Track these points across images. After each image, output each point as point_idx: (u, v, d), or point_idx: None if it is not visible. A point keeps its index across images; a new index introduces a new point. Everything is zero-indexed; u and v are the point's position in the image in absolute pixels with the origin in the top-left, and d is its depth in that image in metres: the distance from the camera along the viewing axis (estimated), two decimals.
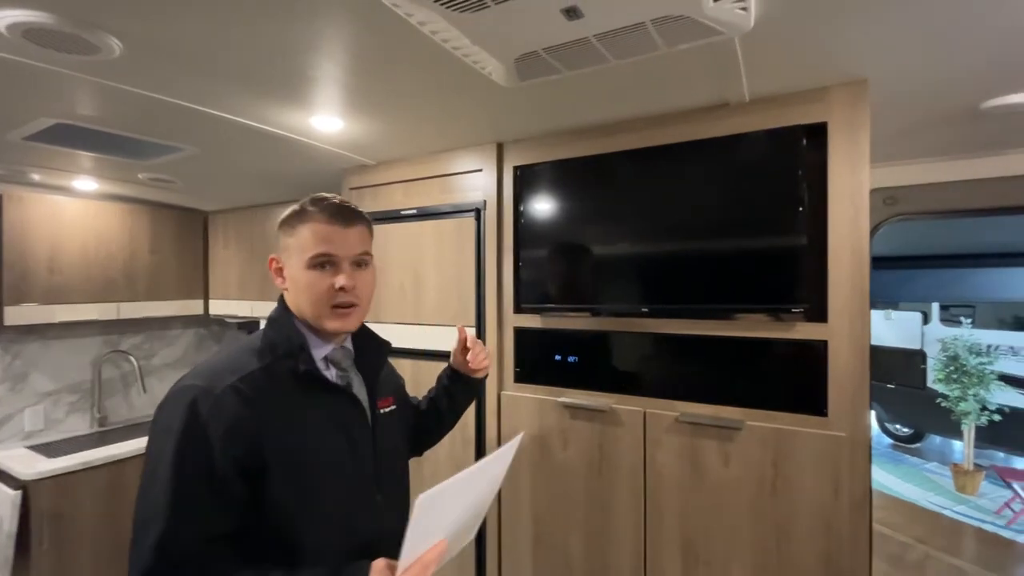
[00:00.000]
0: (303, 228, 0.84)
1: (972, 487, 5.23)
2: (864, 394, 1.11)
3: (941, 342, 5.77)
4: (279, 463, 0.75)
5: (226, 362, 0.79)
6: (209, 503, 0.72)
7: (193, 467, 0.72)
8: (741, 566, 1.23)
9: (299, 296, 0.83)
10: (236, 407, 0.74)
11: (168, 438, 0.72)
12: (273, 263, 0.88)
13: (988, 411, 5.23)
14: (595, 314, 1.44)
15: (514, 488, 1.57)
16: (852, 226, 1.13)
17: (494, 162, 1.59)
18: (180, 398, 0.74)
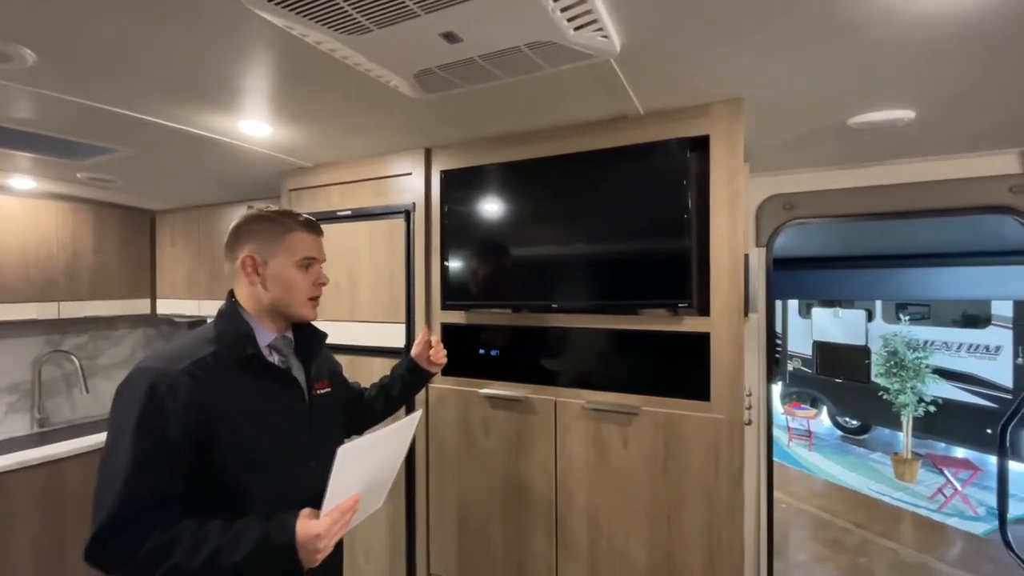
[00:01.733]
0: (290, 236, 1.01)
1: (910, 475, 5.55)
2: (739, 380, 1.23)
3: (883, 338, 6.10)
4: (225, 433, 0.88)
5: (180, 349, 0.91)
6: (165, 466, 0.84)
7: (151, 436, 0.83)
8: (638, 537, 1.34)
9: (278, 290, 0.99)
10: (189, 386, 0.86)
11: (131, 411, 0.83)
12: (249, 261, 0.98)
13: (924, 402, 5.57)
14: (515, 310, 1.54)
15: (440, 475, 1.65)
16: (730, 230, 1.25)
17: (423, 166, 1.68)
18: (140, 378, 0.86)
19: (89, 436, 2.44)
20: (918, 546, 4.34)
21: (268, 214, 1.02)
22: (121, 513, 0.81)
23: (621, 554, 1.36)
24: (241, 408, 0.92)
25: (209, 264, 2.67)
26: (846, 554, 4.20)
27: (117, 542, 0.81)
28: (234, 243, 1.00)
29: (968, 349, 5.68)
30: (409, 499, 1.70)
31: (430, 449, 1.68)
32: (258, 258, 0.98)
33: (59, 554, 2.24)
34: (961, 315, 6.54)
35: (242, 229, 1.00)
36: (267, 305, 0.99)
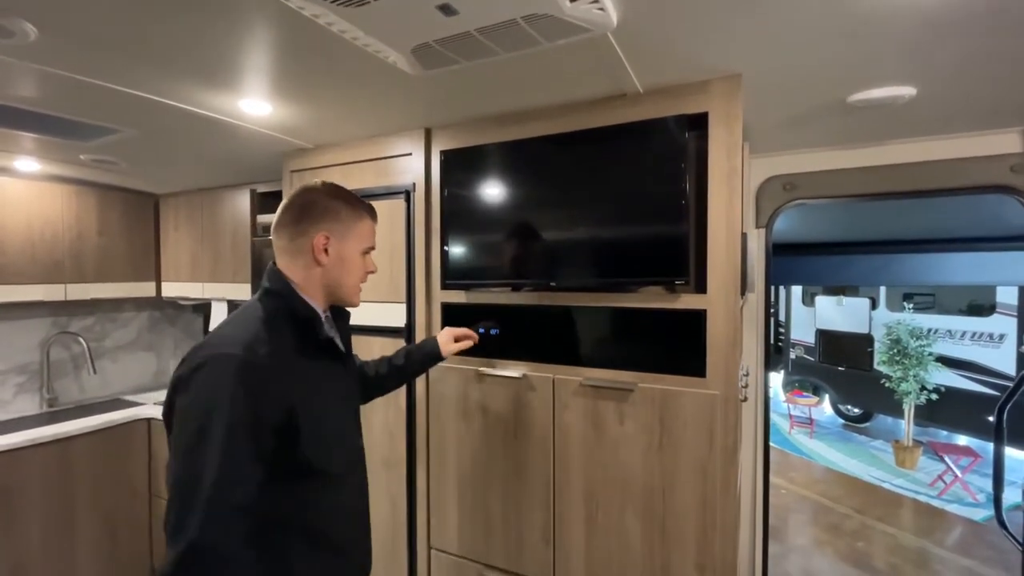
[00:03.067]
0: (363, 223, 1.04)
1: (911, 462, 5.58)
2: (734, 357, 1.25)
3: (886, 326, 6.09)
4: (306, 419, 0.88)
5: (249, 332, 0.88)
6: (253, 458, 0.81)
7: (242, 429, 0.80)
8: (633, 511, 1.36)
9: (339, 274, 0.99)
10: (273, 373, 0.85)
11: (216, 401, 0.79)
12: (324, 241, 0.97)
13: (927, 390, 5.58)
14: (514, 289, 1.55)
15: (440, 452, 1.68)
16: (727, 207, 1.25)
17: (422, 146, 1.68)
18: (222, 365, 0.81)
19: (99, 415, 2.48)
20: (916, 531, 4.37)
21: (344, 195, 1.02)
22: (214, 517, 0.77)
23: (616, 527, 1.39)
24: (316, 391, 0.93)
25: (212, 247, 2.69)
26: (844, 538, 4.24)
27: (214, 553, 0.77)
28: (304, 218, 0.96)
29: (972, 337, 5.67)
30: (410, 475, 1.74)
31: (431, 426, 1.70)
32: (332, 239, 0.97)
33: (69, 530, 2.30)
34: (967, 304, 6.52)
35: (317, 205, 0.98)
36: (321, 285, 0.99)
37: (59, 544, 2.26)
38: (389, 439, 1.75)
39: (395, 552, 1.74)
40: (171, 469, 0.81)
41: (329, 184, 1.03)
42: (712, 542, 1.26)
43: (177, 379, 0.84)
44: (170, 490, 0.79)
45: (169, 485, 0.80)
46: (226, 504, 0.78)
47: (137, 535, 2.57)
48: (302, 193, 1.00)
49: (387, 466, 1.76)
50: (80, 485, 2.33)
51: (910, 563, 3.90)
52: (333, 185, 1.03)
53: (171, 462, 0.82)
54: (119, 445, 2.48)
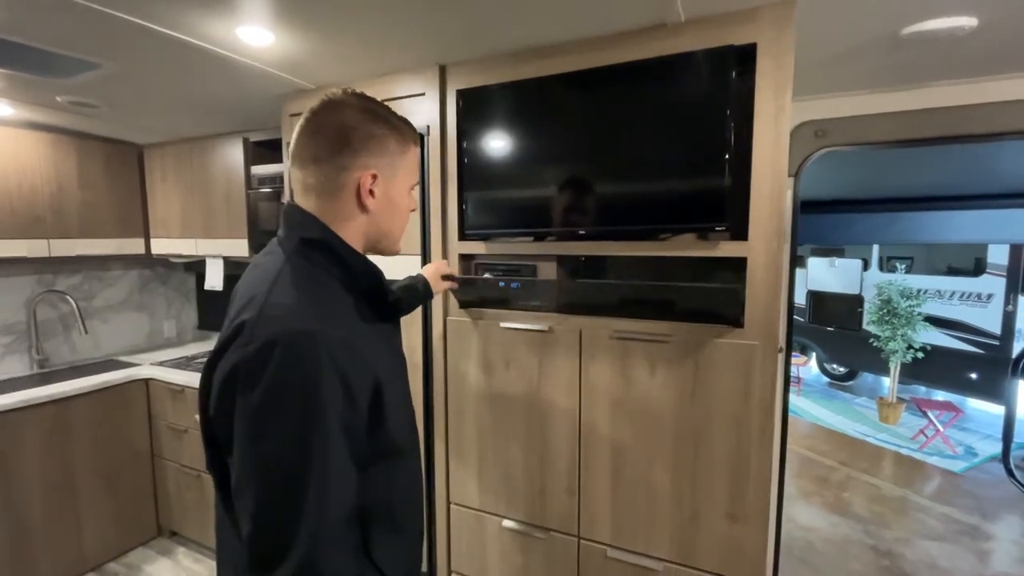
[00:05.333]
0: (411, 153, 0.84)
1: (894, 417, 5.76)
2: (775, 306, 1.20)
3: (877, 287, 6.16)
4: (389, 395, 0.75)
5: (312, 298, 0.71)
6: (352, 456, 0.69)
7: (342, 423, 0.66)
8: (662, 463, 1.35)
9: (387, 219, 0.82)
10: (356, 350, 0.70)
11: (309, 395, 0.64)
12: (371, 180, 0.77)
13: (913, 349, 5.70)
14: (538, 239, 1.48)
15: (459, 406, 1.64)
16: (774, 149, 1.18)
17: (436, 86, 1.56)
18: (304, 345, 0.64)
19: (95, 376, 2.40)
20: (899, 482, 4.55)
21: (387, 115, 0.81)
22: (324, 531, 0.65)
23: (645, 480, 1.37)
24: (386, 359, 0.80)
25: (204, 201, 2.55)
26: (831, 489, 4.40)
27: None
28: (344, 149, 0.76)
29: (960, 297, 5.77)
30: (428, 430, 1.70)
31: (448, 380, 1.65)
32: (381, 176, 0.79)
33: (71, 492, 2.25)
34: (947, 267, 6.62)
35: (357, 132, 0.76)
36: (363, 234, 0.81)
37: (61, 507, 2.22)
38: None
39: None
40: (252, 485, 0.64)
41: (363, 98, 0.80)
42: (744, 492, 1.25)
43: (235, 368, 0.66)
44: (256, 508, 0.63)
45: (254, 502, 0.64)
46: (335, 518, 0.66)
47: (141, 496, 2.53)
48: (333, 111, 0.77)
49: None
50: (79, 447, 2.26)
51: (892, 511, 4.07)
52: (369, 100, 0.80)
53: (247, 475, 0.65)
54: (118, 406, 2.41)
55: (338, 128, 0.76)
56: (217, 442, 0.73)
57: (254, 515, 0.64)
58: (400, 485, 0.82)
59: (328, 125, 0.77)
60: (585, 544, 1.47)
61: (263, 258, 0.79)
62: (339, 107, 0.78)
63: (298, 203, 0.80)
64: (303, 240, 0.76)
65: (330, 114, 0.77)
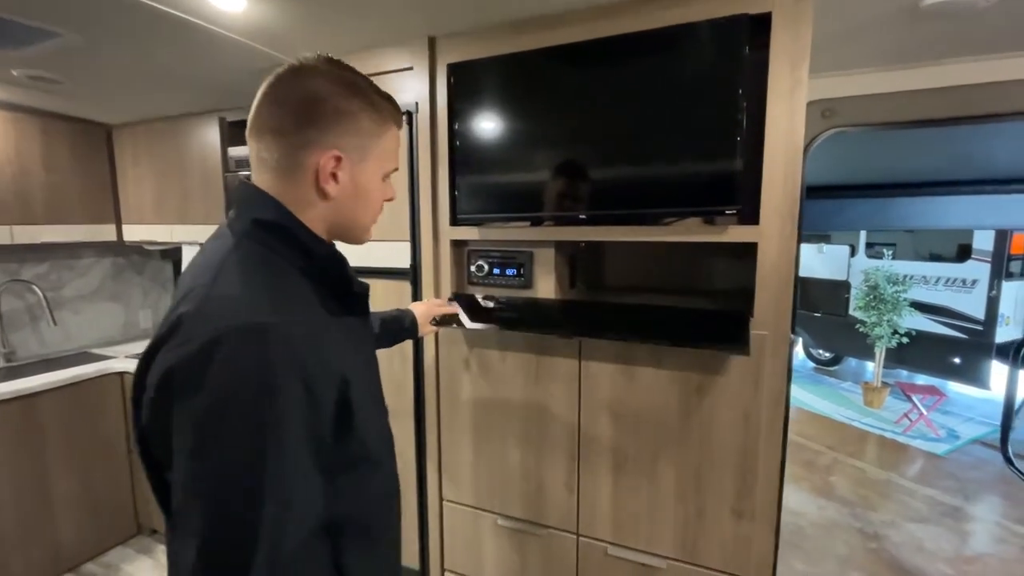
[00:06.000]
0: (389, 134, 0.74)
1: (878, 402, 5.84)
2: (787, 294, 1.14)
3: (864, 273, 6.20)
4: (358, 396, 0.66)
5: (264, 287, 0.62)
6: (316, 465, 0.60)
7: (304, 429, 0.57)
8: (666, 457, 1.29)
9: (352, 207, 0.72)
10: (319, 345, 0.62)
11: (262, 399, 0.54)
12: (334, 163, 0.67)
13: (898, 334, 5.76)
14: (535, 223, 1.39)
15: (452, 399, 1.57)
16: (789, 126, 1.11)
17: (426, 59, 1.46)
18: (256, 342, 0.55)
19: (66, 370, 2.28)
20: (884, 465, 4.62)
21: (364, 87, 0.70)
22: (289, 561, 0.57)
23: (648, 476, 1.32)
24: (356, 360, 0.71)
25: (178, 184, 2.42)
26: (818, 473, 4.45)
27: None
28: (307, 123, 0.66)
29: (946, 283, 5.83)
30: (418, 424, 1.63)
31: (440, 372, 1.58)
32: (346, 160, 0.68)
33: (44, 490, 2.15)
34: (928, 253, 6.70)
35: (326, 104, 0.66)
36: (324, 220, 0.71)
37: (34, 506, 2.11)
38: (396, 387, 1.63)
39: (405, 504, 1.65)
40: (197, 509, 0.55)
41: (339, 65, 0.69)
42: (751, 489, 1.21)
43: (169, 372, 0.56)
44: (203, 535, 0.54)
45: (200, 528, 0.54)
46: (297, 542, 0.58)
47: (119, 493, 2.43)
48: (301, 78, 0.67)
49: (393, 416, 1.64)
50: (51, 444, 2.15)
51: (878, 494, 4.13)
52: (346, 68, 0.70)
53: (190, 496, 0.56)
54: (91, 401, 2.29)
55: (303, 98, 0.66)
56: (155, 458, 0.63)
57: (201, 544, 0.54)
58: (373, 494, 0.74)
59: (293, 94, 0.66)
60: (584, 542, 1.42)
61: (210, 243, 0.69)
62: (308, 74, 0.67)
63: (253, 180, 0.70)
64: (256, 221, 0.66)
65: (297, 81, 0.67)
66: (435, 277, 1.53)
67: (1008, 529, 3.57)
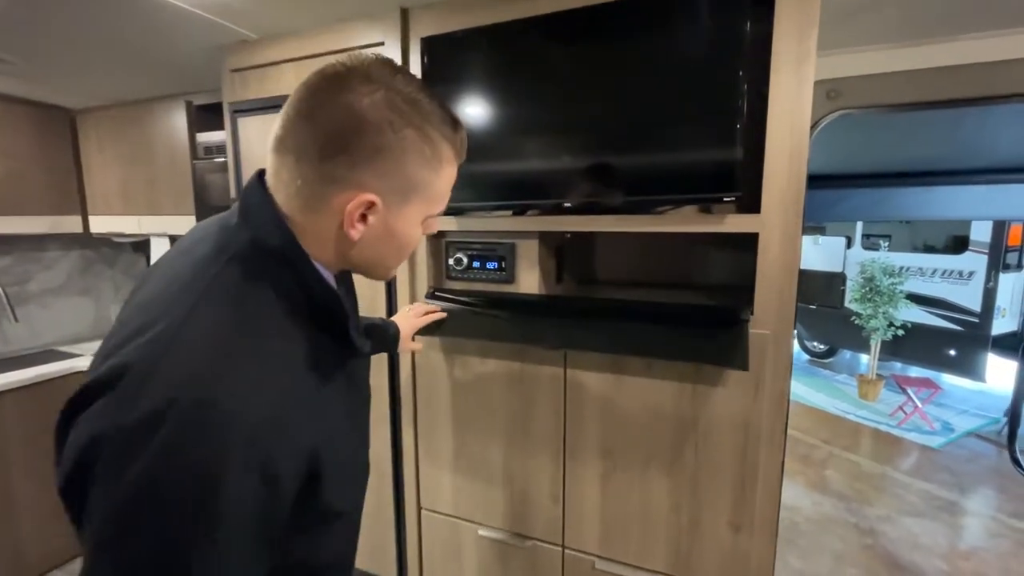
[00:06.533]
0: (444, 175, 0.60)
1: (873, 394, 5.80)
2: (791, 289, 1.04)
3: (860, 265, 6.14)
4: (330, 463, 0.56)
5: (251, 338, 0.51)
6: (257, 549, 0.50)
7: (241, 522, 0.47)
8: (659, 466, 1.20)
9: (380, 250, 0.60)
10: (286, 425, 0.50)
11: (196, 488, 0.44)
12: (367, 206, 0.55)
13: (894, 327, 5.71)
14: (517, 213, 1.29)
15: (429, 401, 1.47)
16: (795, 104, 1.00)
17: (398, 33, 1.33)
18: (209, 425, 0.45)
19: (29, 368, 2.15)
20: (879, 459, 4.58)
21: (429, 113, 0.56)
22: None
23: (639, 482, 1.22)
24: (337, 414, 0.61)
25: (145, 172, 2.28)
26: (814, 467, 4.40)
27: None
28: (339, 152, 0.53)
29: (943, 275, 5.77)
30: (394, 427, 1.52)
31: (417, 373, 1.47)
32: (382, 204, 0.56)
33: (5, 495, 2.03)
34: (923, 244, 6.64)
35: (369, 132, 0.53)
36: (342, 256, 0.60)
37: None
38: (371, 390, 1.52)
39: (380, 513, 1.56)
40: None
41: (395, 74, 0.55)
42: (750, 499, 1.11)
43: (97, 440, 0.46)
44: None
45: None
46: None
47: None
48: (341, 90, 0.53)
49: None
50: (13, 446, 2.03)
51: (873, 488, 4.09)
52: (403, 79, 0.56)
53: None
54: (57, 401, 2.17)
55: (339, 120, 0.52)
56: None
57: None
58: (331, 548, 0.63)
59: (328, 111, 0.53)
60: (571, 554, 1.33)
61: (194, 245, 0.58)
62: (352, 84, 0.53)
63: (269, 184, 0.58)
64: (256, 243, 0.54)
65: (335, 93, 0.53)
66: (411, 271, 1.42)
67: (1003, 523, 3.54)
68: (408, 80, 0.56)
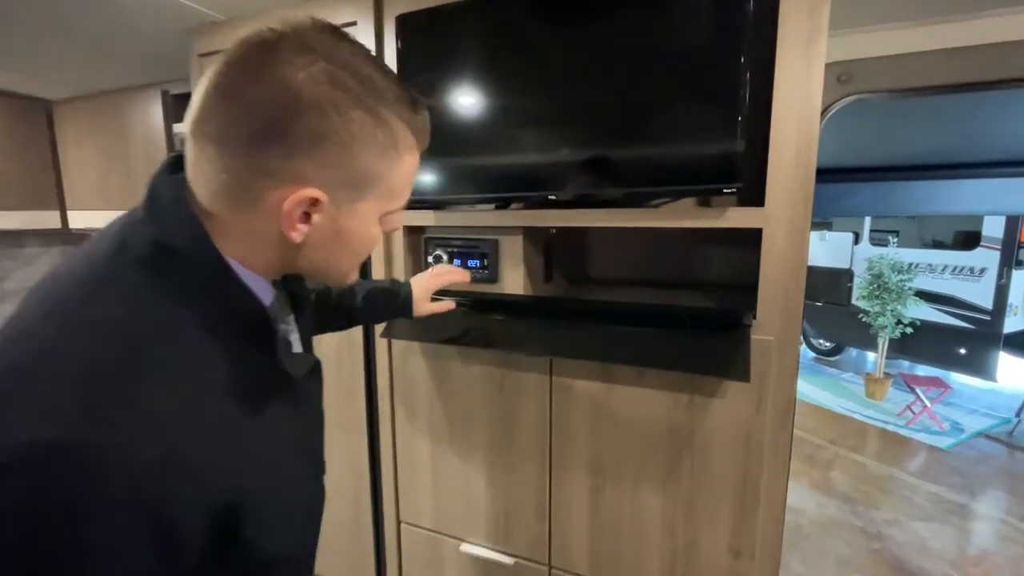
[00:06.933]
0: (404, 163, 0.50)
1: (880, 393, 5.68)
2: (798, 291, 0.94)
3: (868, 261, 6.00)
4: (256, 505, 0.46)
5: (141, 365, 0.40)
6: None
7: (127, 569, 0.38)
8: (652, 483, 1.10)
9: (329, 253, 0.50)
10: (188, 462, 0.40)
11: (53, 551, 0.35)
12: (307, 205, 0.45)
13: (902, 324, 5.58)
14: (500, 206, 1.19)
15: (408, 409, 1.37)
16: (805, 85, 0.89)
17: (371, 11, 1.23)
18: (65, 473, 0.35)
19: None
20: (886, 460, 4.48)
21: (382, 89, 0.47)
22: None
23: (630, 500, 1.13)
24: (269, 445, 0.50)
25: (123, 166, 2.19)
26: (819, 468, 4.31)
27: None
28: (272, 139, 0.43)
29: (953, 271, 5.63)
30: (372, 436, 1.43)
31: (394, 377, 1.38)
32: (329, 200, 0.46)
33: None
34: (932, 240, 6.49)
35: (310, 114, 0.42)
36: (282, 260, 0.50)
37: None
38: (347, 395, 1.43)
39: (359, 526, 1.47)
40: None
41: (340, 42, 0.46)
42: (751, 522, 1.01)
43: None
44: None
45: None
46: None
47: None
48: (272, 62, 0.42)
49: (344, 428, 1.45)
50: None
51: (880, 490, 3.99)
52: (350, 48, 0.46)
53: None
54: None
55: (272, 100, 0.42)
56: None
57: None
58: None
59: (256, 89, 0.42)
60: (558, 575, 1.23)
61: (95, 242, 0.48)
62: (287, 55, 0.42)
63: (188, 176, 0.47)
64: (158, 246, 0.44)
65: (266, 67, 0.42)
66: (387, 270, 1.32)
67: (1014, 527, 3.43)
68: (355, 50, 0.46)
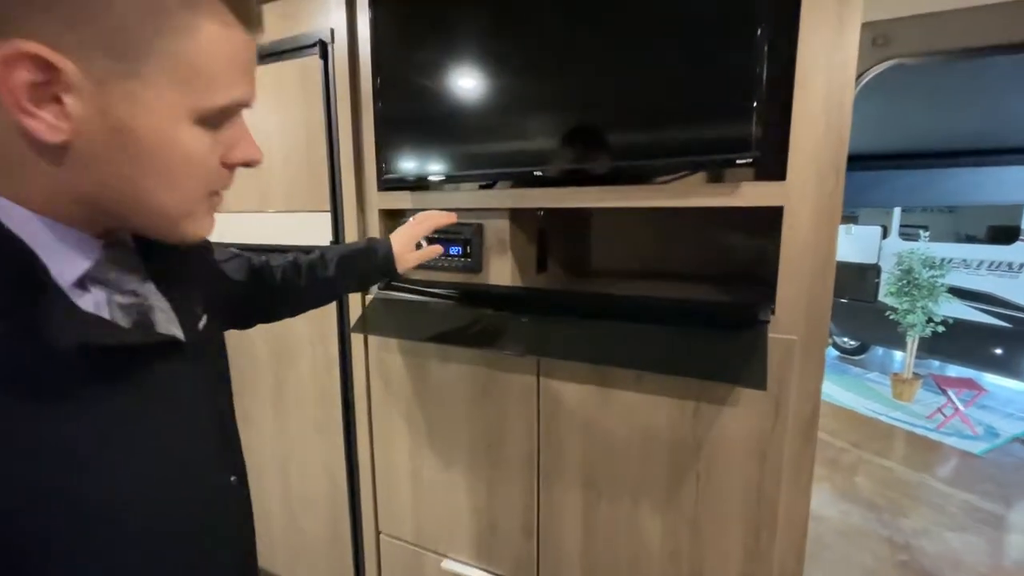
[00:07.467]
0: (206, 28, 0.36)
1: (909, 395, 5.42)
2: (827, 281, 0.79)
3: (897, 256, 5.72)
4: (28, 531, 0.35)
5: None
6: None
7: None
8: (652, 501, 0.96)
9: (132, 174, 0.37)
10: None
11: None
12: (35, 68, 0.31)
13: (934, 322, 5.30)
14: (486, 185, 1.06)
15: (386, 413, 1.25)
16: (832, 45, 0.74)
17: None
18: None
19: None
20: (916, 465, 4.25)
21: None
22: None
23: (627, 520, 0.99)
24: (94, 445, 0.38)
25: None
26: (842, 473, 4.11)
27: None
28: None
29: (989, 267, 5.32)
30: (348, 442, 1.32)
31: (371, 378, 1.26)
32: (78, 72, 0.32)
33: None
34: (966, 234, 6.17)
35: None
36: (70, 192, 0.37)
37: None
38: (320, 396, 1.32)
39: (337, 537, 1.36)
40: None
41: None
42: (767, 551, 0.87)
43: None
44: None
45: None
46: None
47: None
48: None
49: (320, 431, 1.34)
50: None
51: (909, 498, 3.79)
52: None
53: None
54: None
55: None
56: None
57: None
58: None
59: None
60: None
61: None
62: None
63: None
64: None
65: None
66: None
67: None
68: None
